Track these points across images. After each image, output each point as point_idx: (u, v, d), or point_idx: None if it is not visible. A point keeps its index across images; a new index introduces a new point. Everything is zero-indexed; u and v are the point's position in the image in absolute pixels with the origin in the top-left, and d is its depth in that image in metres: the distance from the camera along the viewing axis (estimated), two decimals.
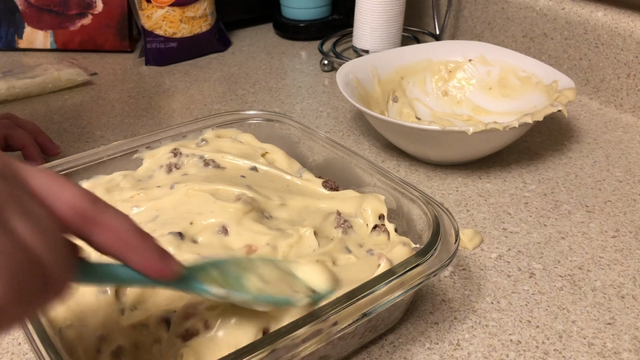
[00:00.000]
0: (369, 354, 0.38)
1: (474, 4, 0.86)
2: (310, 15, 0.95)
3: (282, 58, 0.89)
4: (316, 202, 0.45)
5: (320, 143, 0.50)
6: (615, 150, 0.62)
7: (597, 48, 0.70)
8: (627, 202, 0.53)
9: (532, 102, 0.61)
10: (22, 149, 0.55)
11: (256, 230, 0.42)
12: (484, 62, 0.68)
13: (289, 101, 0.74)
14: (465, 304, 0.42)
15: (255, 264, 0.34)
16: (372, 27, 0.79)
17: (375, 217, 0.43)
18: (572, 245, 0.48)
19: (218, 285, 0.30)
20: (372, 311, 0.32)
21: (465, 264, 0.46)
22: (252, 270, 0.33)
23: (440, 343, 0.39)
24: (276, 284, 0.33)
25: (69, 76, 0.77)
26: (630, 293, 0.43)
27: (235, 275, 0.32)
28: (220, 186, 0.45)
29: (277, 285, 0.33)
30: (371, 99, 0.64)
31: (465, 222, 0.51)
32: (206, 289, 0.30)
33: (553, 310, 0.41)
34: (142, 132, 0.67)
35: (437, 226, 0.38)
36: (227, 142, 0.52)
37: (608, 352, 0.38)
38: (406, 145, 0.58)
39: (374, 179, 0.45)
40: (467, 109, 0.67)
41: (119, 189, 0.46)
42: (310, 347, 0.30)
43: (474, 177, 0.57)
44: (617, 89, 0.70)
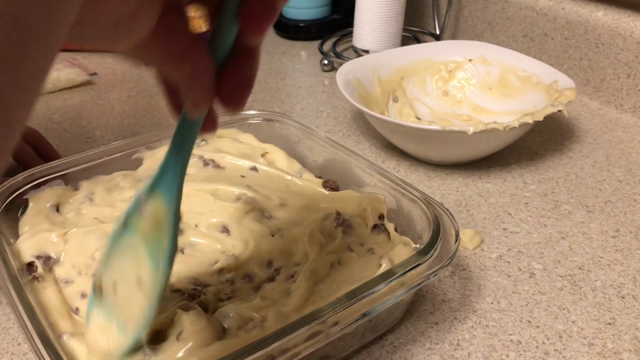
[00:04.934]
0: (369, 354, 0.38)
1: (474, 4, 0.86)
2: (310, 15, 0.95)
3: (282, 58, 0.89)
4: (316, 202, 0.45)
5: (320, 143, 0.50)
6: (615, 150, 0.62)
7: (597, 48, 0.70)
8: (627, 202, 0.53)
9: (532, 102, 0.61)
10: (24, 165, 0.55)
11: (256, 230, 0.42)
12: (484, 62, 0.68)
13: (289, 101, 0.74)
14: (465, 304, 0.42)
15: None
16: (372, 27, 0.79)
17: (374, 217, 0.43)
18: (572, 245, 0.48)
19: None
20: (372, 311, 0.32)
21: (465, 264, 0.46)
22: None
23: (441, 343, 0.39)
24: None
25: (69, 76, 0.77)
26: (630, 293, 0.43)
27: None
28: (220, 186, 0.45)
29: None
30: (371, 99, 0.64)
31: (465, 222, 0.51)
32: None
33: (553, 310, 0.41)
34: (142, 132, 0.67)
35: (437, 226, 0.38)
36: (227, 142, 0.52)
37: (608, 352, 0.38)
38: (406, 145, 0.58)
39: (374, 179, 0.45)
40: (467, 109, 0.67)
41: (119, 189, 0.46)
42: (310, 347, 0.30)
43: (474, 177, 0.57)
44: (617, 89, 0.69)
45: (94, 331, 0.32)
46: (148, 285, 0.30)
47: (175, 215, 0.30)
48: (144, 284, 0.31)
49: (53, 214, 0.43)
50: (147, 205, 0.30)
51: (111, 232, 0.32)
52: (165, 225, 0.30)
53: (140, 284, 0.31)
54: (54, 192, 0.44)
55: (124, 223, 0.31)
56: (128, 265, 0.31)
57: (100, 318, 0.32)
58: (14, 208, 0.43)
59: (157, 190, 0.30)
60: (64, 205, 0.44)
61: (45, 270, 0.38)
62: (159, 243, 0.30)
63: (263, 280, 0.38)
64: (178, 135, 0.29)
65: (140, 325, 0.31)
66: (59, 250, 0.40)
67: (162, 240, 0.30)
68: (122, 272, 0.32)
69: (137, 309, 0.31)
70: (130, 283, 0.31)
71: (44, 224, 0.42)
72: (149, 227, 0.30)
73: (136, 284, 0.31)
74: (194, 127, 0.28)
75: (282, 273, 0.39)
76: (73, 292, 0.37)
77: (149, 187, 0.30)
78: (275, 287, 0.37)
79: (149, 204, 0.30)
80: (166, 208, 0.30)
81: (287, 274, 0.38)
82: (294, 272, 0.38)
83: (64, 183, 0.46)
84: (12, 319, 0.41)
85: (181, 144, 0.29)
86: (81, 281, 0.38)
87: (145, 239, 0.31)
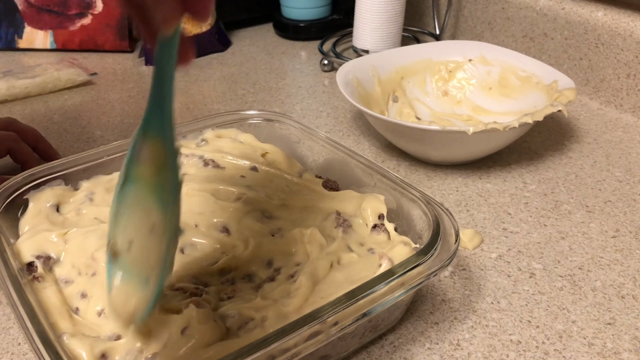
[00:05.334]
0: (369, 354, 0.38)
1: (474, 4, 0.86)
2: (310, 15, 0.95)
3: (282, 58, 0.89)
4: (316, 202, 0.45)
5: (320, 143, 0.50)
6: (615, 150, 0.62)
7: (597, 48, 0.70)
8: (627, 202, 0.53)
9: (532, 102, 0.61)
10: (23, 164, 0.55)
11: (256, 230, 0.42)
12: (484, 62, 0.68)
13: (289, 101, 0.74)
14: (465, 304, 0.42)
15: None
16: (372, 27, 0.79)
17: (374, 217, 0.43)
18: (572, 245, 0.48)
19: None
20: (372, 311, 0.32)
21: (465, 264, 0.46)
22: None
23: (440, 343, 0.39)
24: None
25: (69, 76, 0.77)
26: (630, 293, 0.43)
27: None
28: (220, 186, 0.46)
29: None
30: (371, 99, 0.64)
31: (465, 222, 0.51)
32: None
33: (553, 310, 0.41)
34: None
35: (437, 226, 0.38)
36: (227, 142, 0.52)
37: (608, 352, 0.38)
38: (406, 145, 0.58)
39: (374, 179, 0.45)
40: (467, 109, 0.67)
41: None
42: (310, 347, 0.30)
43: (474, 177, 0.57)
44: (617, 89, 0.69)
45: (117, 296, 0.32)
46: (161, 229, 0.30)
47: (173, 148, 0.30)
48: (156, 229, 0.30)
49: (53, 214, 0.43)
50: (143, 150, 0.30)
51: (115, 193, 0.31)
52: (165, 162, 0.30)
53: (153, 231, 0.31)
54: (54, 192, 0.45)
55: (125, 178, 0.31)
56: (138, 219, 0.31)
57: (121, 281, 0.32)
58: (14, 208, 0.43)
59: (149, 131, 0.30)
60: (64, 205, 0.44)
61: (45, 270, 0.38)
62: (163, 184, 0.30)
63: (263, 280, 0.38)
64: (158, 65, 0.29)
65: (161, 270, 0.31)
66: (59, 250, 0.40)
67: (166, 179, 0.30)
68: (134, 228, 0.31)
69: (155, 257, 0.31)
70: (144, 234, 0.31)
71: (44, 224, 0.42)
72: (150, 171, 0.30)
73: (149, 232, 0.31)
74: (171, 49, 0.28)
75: (282, 273, 0.39)
76: (73, 292, 0.37)
77: (141, 131, 0.30)
78: (275, 287, 0.37)
79: (145, 147, 0.30)
80: (162, 145, 0.30)
81: (287, 273, 0.39)
82: (294, 272, 0.38)
83: (64, 183, 0.46)
84: (12, 319, 0.41)
85: (162, 72, 0.29)
86: (81, 281, 0.38)
87: (149, 185, 0.30)
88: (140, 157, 0.30)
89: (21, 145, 0.56)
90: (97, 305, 0.36)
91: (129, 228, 0.32)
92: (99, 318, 0.35)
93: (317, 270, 0.38)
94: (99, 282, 0.37)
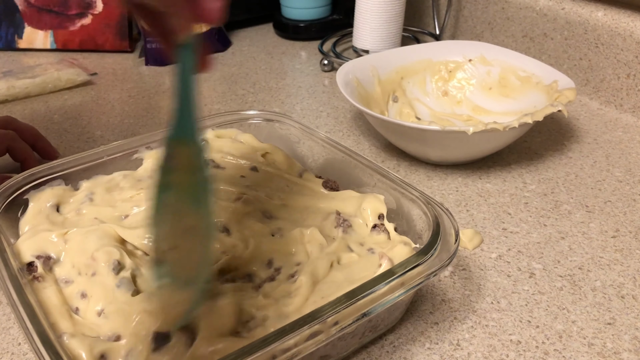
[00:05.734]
0: (369, 354, 0.38)
1: (474, 4, 0.86)
2: (310, 15, 0.95)
3: (282, 58, 0.89)
4: (316, 202, 0.45)
5: (320, 143, 0.50)
6: (615, 150, 0.62)
7: (597, 48, 0.70)
8: (627, 202, 0.53)
9: (532, 102, 0.61)
10: (22, 162, 0.55)
11: (257, 230, 0.42)
12: (484, 62, 0.68)
13: (289, 101, 0.74)
14: (465, 304, 0.42)
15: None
16: (372, 27, 0.79)
17: (374, 217, 0.43)
18: (572, 245, 0.48)
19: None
20: (372, 311, 0.32)
21: (465, 264, 0.46)
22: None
23: (440, 343, 0.39)
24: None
25: (69, 76, 0.77)
26: (630, 293, 0.43)
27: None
28: (220, 186, 0.46)
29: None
30: (371, 99, 0.64)
31: (465, 222, 0.51)
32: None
33: (553, 310, 0.41)
34: (142, 132, 0.67)
35: (437, 226, 0.38)
36: (227, 142, 0.52)
37: (608, 352, 0.38)
38: (406, 145, 0.58)
39: (374, 179, 0.45)
40: (467, 109, 0.67)
41: (119, 189, 0.46)
42: (310, 347, 0.30)
43: (474, 177, 0.57)
44: (617, 89, 0.70)
45: (163, 300, 0.33)
46: (199, 229, 0.31)
47: (201, 148, 0.31)
48: (194, 230, 0.32)
49: (53, 213, 0.43)
50: (173, 155, 0.31)
51: (150, 202, 0.32)
52: (196, 164, 0.31)
53: (191, 233, 0.32)
54: (54, 192, 0.45)
55: (159, 186, 0.32)
56: (176, 223, 0.32)
57: (167, 285, 0.33)
58: (14, 208, 0.43)
59: (178, 137, 0.31)
60: (64, 205, 0.44)
61: (46, 270, 0.38)
62: (196, 185, 0.31)
63: (263, 280, 0.38)
64: (179, 72, 0.30)
65: (203, 267, 0.32)
66: (59, 250, 0.40)
67: (198, 180, 0.31)
68: (174, 232, 0.32)
69: (196, 257, 0.32)
70: (184, 237, 0.32)
71: (44, 224, 0.42)
72: (183, 175, 0.31)
73: (188, 234, 0.32)
74: (189, 54, 0.30)
75: (282, 273, 0.39)
76: (73, 292, 0.37)
77: (170, 138, 0.31)
78: (275, 287, 0.37)
79: (176, 153, 0.31)
80: (191, 147, 0.31)
81: (287, 273, 0.39)
82: (294, 272, 0.38)
83: (64, 183, 0.46)
84: (12, 319, 0.41)
85: (184, 78, 0.30)
86: (81, 281, 0.38)
87: (184, 189, 0.32)
88: (172, 163, 0.32)
89: (20, 143, 0.56)
90: (97, 305, 0.36)
91: (169, 233, 0.33)
92: (99, 318, 0.35)
93: (317, 270, 0.38)
94: (99, 282, 0.37)
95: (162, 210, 0.32)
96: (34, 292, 0.36)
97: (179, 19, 0.29)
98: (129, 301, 0.36)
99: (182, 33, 0.29)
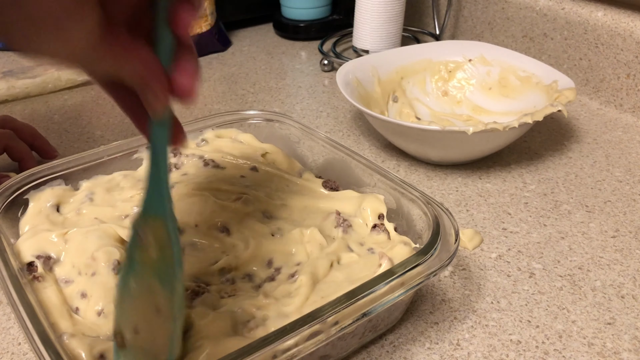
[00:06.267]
0: (369, 354, 0.38)
1: (474, 4, 0.86)
2: (310, 15, 0.95)
3: (282, 58, 0.89)
4: (316, 202, 0.45)
5: (320, 143, 0.50)
6: (615, 150, 0.62)
7: (597, 48, 0.70)
8: (627, 202, 0.53)
9: (532, 102, 0.61)
10: (19, 162, 0.55)
11: (256, 230, 0.42)
12: (484, 62, 0.68)
13: (289, 101, 0.74)
14: (465, 304, 0.42)
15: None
16: (372, 27, 0.79)
17: (374, 217, 0.43)
18: (572, 245, 0.48)
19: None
20: (372, 311, 0.32)
21: (465, 264, 0.46)
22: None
23: (440, 343, 0.39)
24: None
25: (69, 76, 0.77)
26: (630, 293, 0.43)
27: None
28: (220, 186, 0.46)
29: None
30: (371, 99, 0.64)
31: (465, 222, 0.51)
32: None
33: (553, 310, 0.41)
34: None
35: (437, 226, 0.38)
36: (227, 142, 0.52)
37: (608, 352, 0.38)
38: (406, 145, 0.58)
39: (374, 179, 0.45)
40: (467, 109, 0.67)
41: (119, 189, 0.46)
42: (310, 347, 0.30)
43: (474, 177, 0.57)
44: (617, 89, 0.70)
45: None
46: (166, 308, 0.30)
47: (173, 223, 0.30)
48: (161, 309, 0.30)
49: (53, 213, 0.43)
50: (146, 232, 0.31)
51: (118, 281, 0.32)
52: (167, 240, 0.30)
53: (158, 312, 0.31)
54: (54, 192, 0.45)
55: (128, 265, 0.31)
56: (143, 303, 0.31)
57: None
58: (14, 208, 0.43)
59: (149, 214, 0.30)
60: (64, 205, 0.45)
61: (46, 270, 0.38)
62: (166, 262, 0.30)
63: (263, 280, 0.38)
64: (153, 147, 0.30)
65: (170, 349, 0.30)
66: (59, 250, 0.40)
67: (168, 256, 0.30)
68: (140, 313, 0.31)
69: (163, 337, 0.30)
70: (150, 317, 0.31)
71: (44, 223, 0.42)
72: (153, 253, 0.31)
73: (155, 314, 0.31)
74: (163, 131, 0.30)
75: (282, 272, 0.39)
76: (73, 291, 0.37)
77: (142, 215, 0.31)
78: (275, 287, 0.37)
79: (147, 230, 0.30)
80: (163, 223, 0.30)
81: (287, 273, 0.39)
82: (294, 272, 0.38)
83: (64, 183, 0.46)
84: (12, 319, 0.41)
85: (157, 153, 0.30)
86: (81, 281, 0.38)
87: (153, 267, 0.31)
88: (143, 241, 0.31)
89: (17, 142, 0.56)
90: (97, 305, 0.36)
91: (134, 314, 0.32)
92: (99, 318, 0.35)
93: (317, 269, 0.38)
94: (99, 282, 0.37)
95: (127, 289, 0.31)
96: (34, 292, 0.36)
97: (153, 95, 0.28)
98: None
99: (156, 109, 0.29)
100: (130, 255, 0.31)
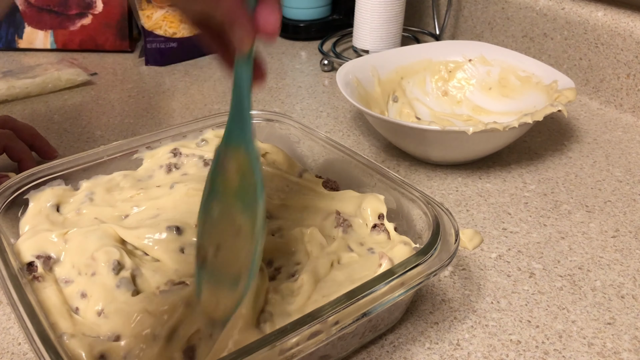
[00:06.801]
0: (369, 354, 0.38)
1: (474, 4, 0.86)
2: (310, 15, 0.95)
3: (282, 58, 0.89)
4: (316, 202, 0.45)
5: (320, 143, 0.50)
6: (615, 150, 0.62)
7: (597, 48, 0.70)
8: (627, 202, 0.53)
9: (532, 102, 0.61)
10: (19, 162, 0.55)
11: None
12: (484, 62, 0.68)
13: (289, 101, 0.74)
14: (465, 304, 0.42)
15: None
16: (372, 27, 0.79)
17: (374, 217, 0.43)
18: (572, 245, 0.48)
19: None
20: (373, 311, 0.32)
21: (465, 264, 0.46)
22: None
23: (440, 343, 0.39)
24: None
25: (69, 76, 0.77)
26: (630, 293, 0.43)
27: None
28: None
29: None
30: (371, 99, 0.64)
31: (465, 222, 0.51)
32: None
33: (553, 310, 0.41)
34: (142, 132, 0.67)
35: (437, 226, 0.38)
36: None
37: (608, 352, 0.38)
38: (406, 145, 0.58)
39: (374, 179, 0.45)
40: (467, 109, 0.67)
41: (119, 189, 0.46)
42: (310, 346, 0.30)
43: (474, 177, 0.57)
44: (617, 89, 0.70)
45: (207, 300, 0.33)
46: (247, 230, 0.32)
47: (254, 153, 0.32)
48: (243, 231, 0.32)
49: (53, 213, 0.43)
50: (228, 160, 0.33)
51: (201, 204, 0.34)
52: (248, 168, 0.32)
53: (240, 234, 0.33)
54: (54, 192, 0.45)
55: (210, 190, 0.33)
56: (225, 224, 0.33)
57: (211, 285, 0.33)
58: (14, 208, 0.43)
59: (232, 143, 0.33)
60: (64, 205, 0.45)
61: (46, 270, 0.38)
62: (247, 189, 0.32)
63: None
64: (236, 82, 0.33)
65: (251, 269, 0.32)
66: (59, 250, 0.40)
67: (249, 183, 0.32)
68: (222, 234, 0.33)
69: (244, 257, 0.32)
70: (231, 238, 0.33)
71: (44, 223, 0.42)
72: (235, 179, 0.33)
73: (237, 235, 0.33)
74: (247, 67, 0.32)
75: (282, 272, 0.39)
76: (73, 291, 0.37)
77: (224, 144, 0.33)
78: (276, 286, 0.37)
79: (229, 157, 0.33)
80: (245, 152, 0.32)
81: (287, 273, 0.39)
82: (294, 271, 0.38)
83: (64, 183, 0.46)
84: (12, 319, 0.41)
85: (240, 88, 0.33)
86: (81, 281, 0.38)
87: (234, 192, 0.33)
88: (225, 168, 0.33)
89: (17, 142, 0.56)
90: (97, 305, 0.36)
91: (216, 235, 0.34)
92: (99, 318, 0.35)
93: (317, 269, 0.38)
94: (98, 282, 0.37)
95: (210, 212, 0.33)
96: (34, 292, 0.36)
97: (239, 33, 0.31)
98: (128, 301, 0.36)
99: (242, 47, 0.31)
100: (212, 181, 0.33)
